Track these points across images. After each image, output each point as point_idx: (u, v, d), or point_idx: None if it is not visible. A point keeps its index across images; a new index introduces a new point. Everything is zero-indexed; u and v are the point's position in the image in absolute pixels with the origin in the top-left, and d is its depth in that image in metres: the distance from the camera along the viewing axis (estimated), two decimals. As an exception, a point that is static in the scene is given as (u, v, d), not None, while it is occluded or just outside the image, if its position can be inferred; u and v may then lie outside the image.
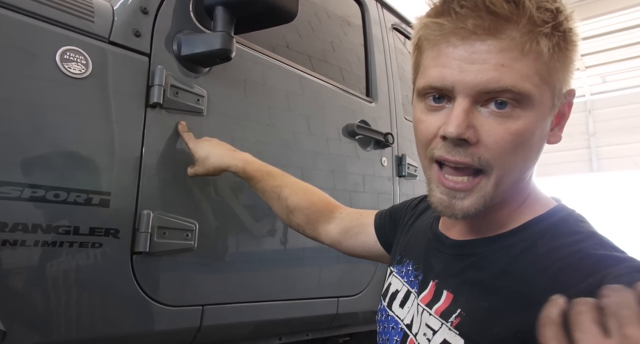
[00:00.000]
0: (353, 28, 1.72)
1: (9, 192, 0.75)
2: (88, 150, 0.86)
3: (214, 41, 1.00)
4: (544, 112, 0.51)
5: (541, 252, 0.50)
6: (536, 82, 0.49)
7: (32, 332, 0.78)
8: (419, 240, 0.71)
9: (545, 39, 0.48)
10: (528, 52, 0.48)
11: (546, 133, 0.53)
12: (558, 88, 0.51)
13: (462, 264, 0.57)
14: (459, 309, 0.53)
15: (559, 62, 0.50)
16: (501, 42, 0.48)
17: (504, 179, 0.52)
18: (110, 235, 0.88)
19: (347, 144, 1.50)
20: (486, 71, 0.48)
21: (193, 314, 1.01)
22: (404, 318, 0.64)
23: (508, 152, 0.50)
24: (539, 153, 0.54)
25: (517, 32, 0.47)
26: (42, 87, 0.81)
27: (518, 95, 0.48)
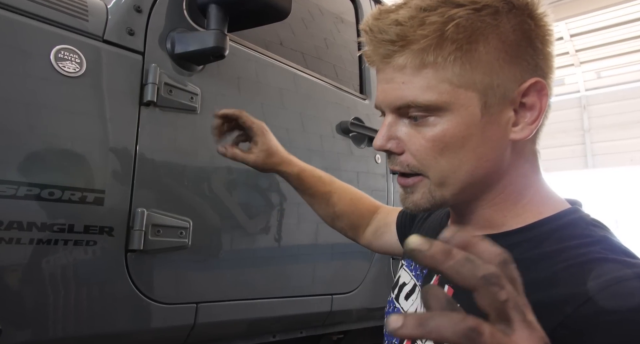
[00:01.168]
0: (346, 25, 1.74)
1: (4, 190, 0.77)
2: (82, 148, 0.87)
3: (207, 39, 1.02)
4: (469, 113, 0.52)
5: (545, 253, 0.50)
6: (444, 88, 0.51)
7: (27, 330, 0.80)
8: (429, 234, 0.72)
9: (437, 50, 0.50)
10: (425, 65, 0.51)
11: (496, 131, 0.53)
12: (495, 85, 0.52)
13: None
14: (458, 305, 0.54)
15: (480, 62, 0.51)
16: (399, 61, 0.52)
17: (447, 180, 0.55)
18: (105, 233, 0.89)
19: (341, 141, 1.52)
20: (393, 90, 0.54)
21: (187, 311, 1.02)
22: (407, 310, 0.65)
23: (432, 157, 0.54)
24: (491, 152, 0.54)
25: (409, 50, 0.51)
26: (36, 85, 0.82)
27: (422, 106, 0.52)
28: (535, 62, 0.53)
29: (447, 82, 0.51)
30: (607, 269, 0.45)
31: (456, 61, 0.51)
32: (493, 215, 0.58)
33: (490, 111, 0.52)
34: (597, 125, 10.28)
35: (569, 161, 10.22)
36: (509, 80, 0.52)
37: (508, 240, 0.54)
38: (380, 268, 1.60)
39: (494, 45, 0.51)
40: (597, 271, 0.44)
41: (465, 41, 0.50)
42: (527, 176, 0.57)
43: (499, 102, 0.53)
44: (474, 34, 0.50)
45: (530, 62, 0.53)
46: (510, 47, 0.52)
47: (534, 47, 0.53)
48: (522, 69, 0.52)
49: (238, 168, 1.17)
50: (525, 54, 0.52)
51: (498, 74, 0.52)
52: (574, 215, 0.55)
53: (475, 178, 0.55)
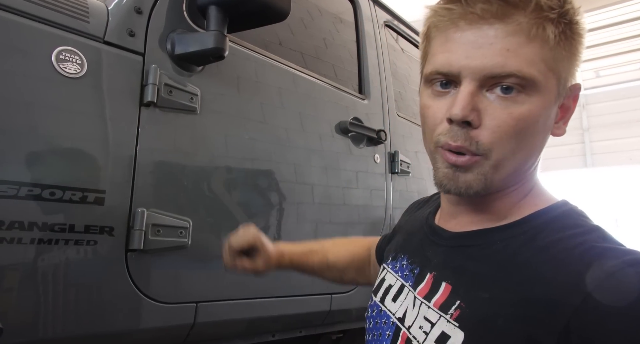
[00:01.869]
0: (345, 25, 1.75)
1: (5, 190, 0.78)
2: (83, 148, 0.88)
3: (207, 40, 1.02)
4: (549, 100, 0.52)
5: (543, 244, 0.50)
6: (542, 68, 0.50)
7: (28, 329, 0.81)
8: (413, 234, 0.72)
9: (551, 25, 0.49)
10: (534, 37, 0.49)
11: (551, 123, 0.55)
12: (564, 78, 0.53)
13: (462, 255, 0.57)
14: (459, 301, 0.53)
15: (565, 50, 0.51)
16: (508, 26, 0.49)
17: (504, 163, 0.53)
18: (105, 233, 0.90)
19: (340, 141, 1.53)
20: (492, 56, 0.50)
21: (187, 311, 1.04)
22: (395, 312, 0.64)
23: (509, 136, 0.51)
24: (542, 142, 0.55)
25: (524, 17, 0.49)
26: (38, 86, 0.83)
27: (523, 80, 0.50)
28: (577, 65, 0.55)
29: (545, 62, 0.50)
30: (608, 256, 0.45)
31: (559, 44, 0.50)
32: (499, 207, 0.57)
33: (557, 101, 0.54)
34: (596, 124, 10.30)
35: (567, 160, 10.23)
36: (570, 75, 0.54)
37: (506, 233, 0.55)
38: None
39: (580, 36, 0.53)
40: (598, 259, 0.45)
41: (569, 27, 0.51)
42: (536, 172, 0.59)
43: (562, 94, 0.54)
44: (577, 20, 0.52)
45: (578, 64, 0.55)
46: (574, 45, 0.53)
47: (579, 52, 0.54)
48: (574, 69, 0.54)
49: (238, 168, 1.18)
50: (579, 55, 0.54)
51: (572, 66, 0.54)
52: (565, 207, 0.56)
53: (524, 165, 0.55)
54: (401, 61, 2.08)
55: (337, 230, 1.47)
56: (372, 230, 1.62)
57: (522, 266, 0.50)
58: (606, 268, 0.44)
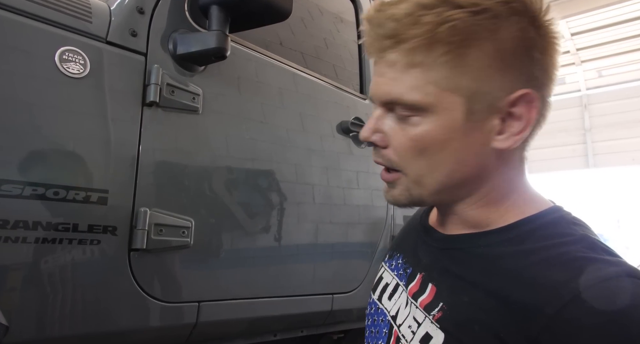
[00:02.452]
0: (346, 25, 1.76)
1: (10, 190, 0.79)
2: (86, 148, 0.89)
3: (209, 40, 1.04)
4: (451, 118, 0.52)
5: (526, 251, 0.50)
6: (431, 90, 0.52)
7: (33, 327, 0.82)
8: (409, 234, 0.73)
9: (427, 50, 0.50)
10: (414, 64, 0.52)
11: (478, 137, 0.53)
12: (482, 92, 0.51)
13: (448, 258, 0.59)
14: (441, 303, 0.55)
15: (470, 67, 0.50)
16: (391, 57, 0.53)
17: (423, 180, 0.56)
18: (108, 232, 0.91)
19: (341, 141, 1.54)
20: (383, 84, 0.55)
21: (189, 310, 1.04)
22: (390, 310, 0.66)
23: (412, 156, 0.55)
24: (467, 157, 0.54)
25: (401, 48, 0.52)
26: (42, 86, 0.84)
27: (407, 105, 0.53)
28: (530, 71, 0.52)
29: (434, 84, 0.51)
30: (589, 268, 0.44)
31: (445, 64, 0.51)
32: (476, 216, 0.58)
33: (474, 118, 0.52)
34: (598, 124, 10.31)
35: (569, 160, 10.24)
36: (498, 89, 0.51)
37: (490, 239, 0.55)
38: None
39: (487, 52, 0.50)
40: (579, 270, 0.44)
41: (457, 45, 0.50)
42: (512, 181, 0.58)
43: (485, 110, 0.52)
44: (467, 38, 0.50)
45: (523, 72, 0.52)
46: (504, 54, 0.50)
47: (531, 57, 0.51)
48: (513, 78, 0.51)
49: (239, 168, 1.19)
50: (520, 63, 0.51)
51: (487, 82, 0.51)
52: (555, 214, 0.55)
53: (453, 181, 0.56)
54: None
55: (338, 230, 1.48)
56: (373, 230, 1.63)
57: (503, 272, 0.50)
58: (584, 281, 0.43)
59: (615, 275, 0.43)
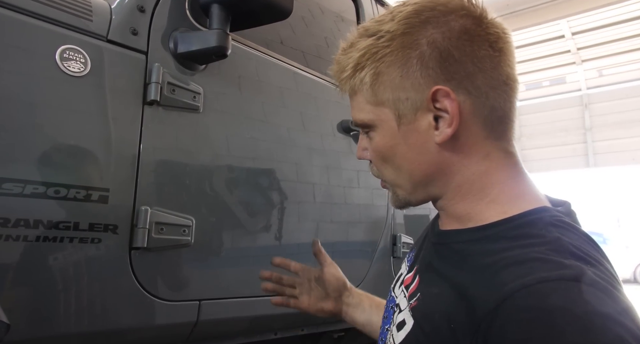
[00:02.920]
0: (347, 24, 1.76)
1: (11, 188, 0.79)
2: (87, 147, 0.89)
3: (209, 39, 1.04)
4: (389, 126, 0.62)
5: (495, 250, 0.53)
6: (368, 108, 0.63)
7: (34, 325, 0.82)
8: (424, 230, 0.79)
9: (355, 78, 0.63)
10: (353, 91, 0.65)
11: (417, 138, 0.61)
12: (402, 99, 0.60)
13: (433, 252, 0.65)
14: (419, 294, 0.60)
15: (384, 82, 0.60)
16: (343, 88, 0.66)
17: (398, 183, 0.66)
18: (109, 231, 0.91)
19: (342, 140, 1.54)
20: (351, 112, 0.68)
21: (190, 308, 1.05)
22: (397, 297, 0.71)
23: (380, 165, 0.67)
24: (423, 156, 0.61)
25: (342, 80, 0.65)
26: (43, 85, 0.84)
27: (359, 124, 0.66)
28: (444, 68, 0.57)
29: (368, 103, 0.63)
30: (536, 269, 0.46)
31: (368, 84, 0.62)
32: (458, 211, 0.62)
33: (405, 121, 0.60)
34: (598, 123, 10.32)
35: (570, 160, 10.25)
36: (414, 92, 0.59)
37: (470, 235, 0.59)
38: (381, 267, 1.63)
39: (394, 65, 0.59)
40: (527, 270, 0.46)
41: (371, 66, 0.61)
42: (489, 174, 0.60)
43: (412, 112, 0.60)
44: (376, 59, 0.60)
45: (435, 70, 0.57)
46: (409, 62, 0.58)
47: (440, 56, 0.57)
48: (425, 79, 0.58)
49: (240, 167, 1.19)
50: (426, 65, 0.58)
51: (401, 89, 0.59)
52: (536, 215, 0.56)
53: (417, 178, 0.63)
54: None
55: (339, 229, 1.48)
56: (374, 229, 1.63)
57: (470, 268, 0.54)
58: (527, 280, 0.45)
59: (558, 277, 0.45)
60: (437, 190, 0.63)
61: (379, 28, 0.60)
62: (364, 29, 0.63)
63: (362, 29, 0.63)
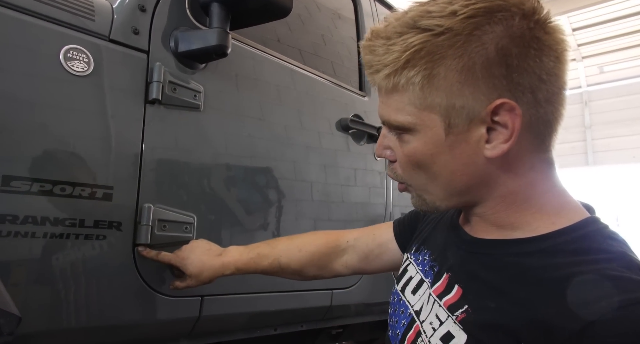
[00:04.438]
0: (344, 21, 1.81)
1: (19, 186, 0.83)
2: (91, 145, 0.93)
3: (210, 37, 1.08)
4: (434, 133, 0.57)
5: (559, 264, 0.51)
6: (411, 111, 0.58)
7: (42, 319, 0.86)
8: (439, 231, 0.76)
9: (400, 75, 0.56)
10: (394, 89, 0.58)
11: (465, 149, 0.57)
12: (457, 107, 0.55)
13: (476, 262, 0.61)
14: (466, 306, 0.57)
15: (439, 85, 0.55)
16: (378, 83, 0.59)
17: (428, 190, 0.63)
18: (114, 228, 0.95)
19: (339, 138, 1.59)
20: (379, 107, 0.63)
21: (192, 304, 1.09)
22: (414, 305, 0.69)
23: (411, 169, 0.62)
24: (460, 167, 0.58)
25: (380, 75, 0.58)
26: (48, 85, 0.88)
27: (394, 126, 0.60)
28: (509, 79, 0.53)
29: (412, 105, 0.57)
30: (622, 289, 0.45)
31: (417, 85, 0.55)
32: (499, 220, 0.61)
33: (455, 131, 0.56)
34: (598, 121, 10.40)
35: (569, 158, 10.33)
36: (473, 101, 0.54)
37: (522, 248, 0.57)
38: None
39: (454, 68, 0.53)
40: (612, 290, 0.45)
41: (424, 66, 0.54)
42: (534, 185, 0.59)
43: (464, 123, 0.55)
44: (433, 59, 0.54)
45: (501, 81, 0.53)
46: (473, 68, 0.53)
47: (508, 65, 0.53)
48: (488, 89, 0.54)
49: (239, 165, 1.23)
50: (491, 74, 0.53)
51: (459, 97, 0.54)
52: (591, 227, 0.56)
53: (455, 189, 0.61)
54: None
55: (337, 227, 1.52)
56: (372, 226, 1.68)
57: (532, 283, 0.52)
58: (615, 301, 0.44)
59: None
60: (474, 199, 0.61)
61: (436, 23, 0.53)
62: (412, 20, 0.55)
63: (409, 19, 0.55)
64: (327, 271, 1.03)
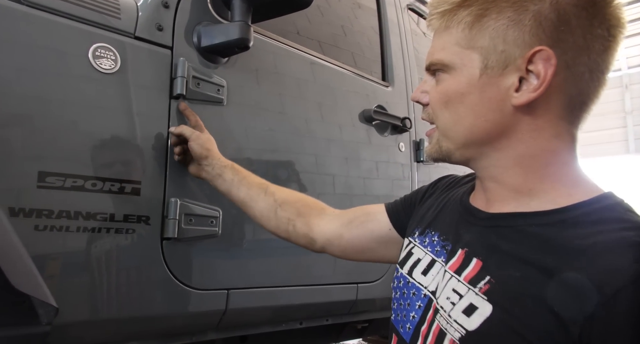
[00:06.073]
0: (364, 11, 1.84)
1: (53, 182, 0.90)
2: (119, 141, 1.00)
3: (232, 31, 1.13)
4: (470, 73, 0.63)
5: (582, 233, 0.54)
6: (454, 50, 0.64)
7: (75, 310, 0.93)
8: (447, 213, 0.79)
9: (452, 16, 0.64)
10: (445, 28, 0.65)
11: (494, 93, 0.62)
12: (498, 50, 0.60)
13: (495, 235, 0.64)
14: (488, 277, 0.60)
15: (487, 28, 0.61)
16: (434, 23, 0.67)
17: (449, 132, 0.68)
18: (142, 222, 1.02)
19: (361, 130, 1.62)
20: (428, 52, 0.70)
21: (219, 297, 1.15)
22: (427, 285, 0.72)
23: (439, 108, 0.68)
24: (486, 111, 0.63)
25: (441, 11, 0.65)
26: (78, 84, 0.95)
27: (437, 63, 0.67)
28: (555, 33, 0.58)
29: (457, 44, 0.64)
30: None
31: (466, 25, 0.62)
32: (516, 184, 0.64)
33: (490, 73, 0.61)
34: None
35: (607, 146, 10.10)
36: (514, 46, 0.59)
37: (542, 219, 0.60)
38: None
39: (505, 13, 0.59)
40: (638, 255, 0.49)
41: (478, 7, 0.61)
42: (556, 154, 0.62)
43: (501, 66, 0.61)
44: (487, 1, 0.60)
45: (546, 32, 0.58)
46: (523, 15, 0.58)
47: (558, 18, 0.58)
48: (532, 38, 0.58)
49: (261, 159, 1.28)
50: (539, 24, 0.58)
51: (502, 39, 0.60)
52: (610, 200, 0.58)
53: (475, 135, 0.65)
54: (423, 45, 2.15)
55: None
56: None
57: (557, 251, 0.55)
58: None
59: None
60: (491, 153, 0.65)
61: None
62: None
63: None
64: (302, 222, 1.00)
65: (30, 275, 0.80)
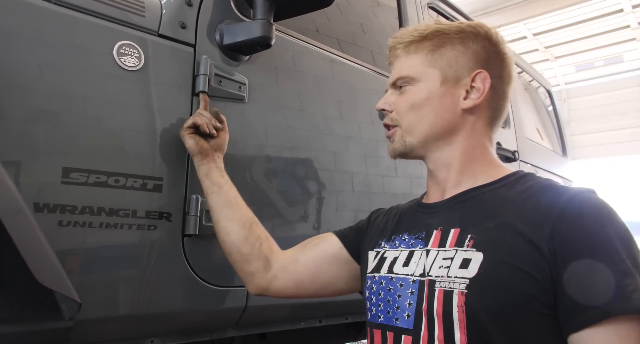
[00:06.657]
0: (383, 9, 1.81)
1: (77, 178, 0.90)
2: (142, 137, 1.00)
3: (254, 29, 1.12)
4: (432, 84, 0.86)
5: (523, 188, 0.79)
6: (419, 68, 0.87)
7: (97, 306, 0.93)
8: (407, 217, 0.94)
9: (418, 45, 0.88)
10: (408, 53, 0.89)
11: (450, 99, 0.86)
12: (453, 70, 0.85)
13: (461, 207, 0.83)
14: (470, 235, 0.77)
15: (444, 54, 0.86)
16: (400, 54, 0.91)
17: (413, 129, 0.87)
18: (164, 218, 1.02)
19: (381, 128, 1.59)
20: (393, 71, 0.92)
21: (239, 295, 1.15)
22: (413, 272, 0.81)
23: (405, 110, 0.88)
24: (445, 114, 0.85)
25: (407, 41, 0.90)
26: (103, 81, 0.95)
27: (405, 77, 0.88)
28: (488, 59, 0.86)
29: (421, 64, 0.87)
30: (568, 189, 0.75)
31: (429, 51, 0.87)
32: (465, 169, 0.86)
33: (447, 84, 0.86)
34: (659, 105, 9.91)
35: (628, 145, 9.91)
36: (463, 68, 0.86)
37: (490, 187, 0.83)
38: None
39: (458, 48, 0.87)
40: (564, 190, 0.75)
41: (437, 41, 0.87)
42: (486, 147, 0.88)
43: (454, 81, 0.86)
44: (443, 37, 0.87)
45: (480, 59, 0.86)
46: (467, 51, 0.86)
47: (487, 55, 0.87)
48: (475, 63, 0.86)
49: (280, 157, 1.27)
50: (479, 54, 0.86)
51: (455, 62, 0.86)
52: (525, 172, 0.86)
53: (435, 130, 0.86)
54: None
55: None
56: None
57: (512, 202, 0.77)
58: (571, 193, 0.73)
59: (579, 191, 0.73)
60: (443, 146, 0.87)
61: (446, 27, 0.88)
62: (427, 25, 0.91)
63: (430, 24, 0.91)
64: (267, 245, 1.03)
65: (54, 270, 0.80)
